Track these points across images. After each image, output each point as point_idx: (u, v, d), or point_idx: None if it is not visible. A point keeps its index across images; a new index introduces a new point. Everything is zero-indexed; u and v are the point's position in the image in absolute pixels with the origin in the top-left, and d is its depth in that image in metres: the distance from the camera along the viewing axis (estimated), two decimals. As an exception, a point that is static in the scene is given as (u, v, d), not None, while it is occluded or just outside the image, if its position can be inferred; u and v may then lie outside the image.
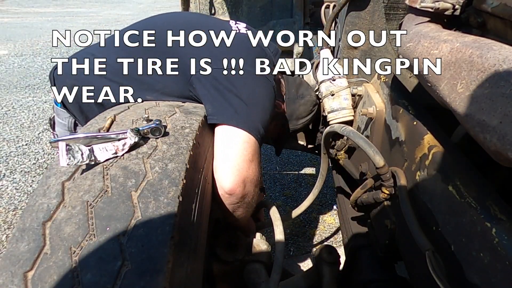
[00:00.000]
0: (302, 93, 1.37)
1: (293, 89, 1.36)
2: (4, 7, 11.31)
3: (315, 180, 1.47)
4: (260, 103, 1.03)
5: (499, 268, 0.56)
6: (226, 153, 0.94)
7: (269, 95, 1.08)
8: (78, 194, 0.66)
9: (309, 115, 1.41)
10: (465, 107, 0.59)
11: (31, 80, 4.73)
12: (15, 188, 2.66)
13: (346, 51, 1.35)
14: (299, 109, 1.37)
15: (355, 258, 1.24)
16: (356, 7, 1.26)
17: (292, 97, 1.36)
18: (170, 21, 1.15)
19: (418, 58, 0.77)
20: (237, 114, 0.97)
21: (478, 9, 0.77)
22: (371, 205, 1.08)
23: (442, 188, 0.73)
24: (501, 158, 0.53)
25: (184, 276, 0.67)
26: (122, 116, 0.88)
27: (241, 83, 1.01)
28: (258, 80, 1.05)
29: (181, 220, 0.67)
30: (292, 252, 2.24)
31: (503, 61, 0.54)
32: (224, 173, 0.93)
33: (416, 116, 0.91)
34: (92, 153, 0.71)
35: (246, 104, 0.99)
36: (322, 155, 1.36)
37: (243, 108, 0.98)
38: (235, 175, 0.93)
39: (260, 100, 1.04)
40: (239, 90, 0.99)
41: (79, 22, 8.90)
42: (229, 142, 0.95)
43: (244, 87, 1.00)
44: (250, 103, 1.00)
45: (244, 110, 0.98)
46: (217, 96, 0.99)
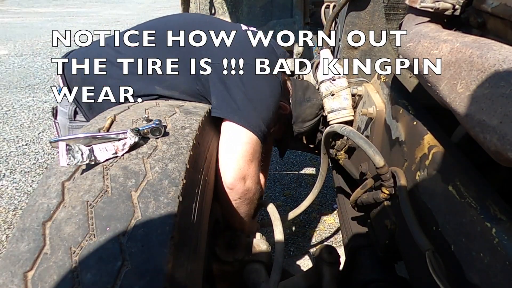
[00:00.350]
0: (309, 96, 1.37)
1: (300, 92, 1.37)
2: (4, 7, 11.31)
3: (315, 180, 1.47)
4: (264, 100, 1.05)
5: (499, 268, 0.56)
6: (228, 151, 0.99)
7: (274, 92, 1.10)
8: (78, 194, 0.66)
9: (315, 118, 1.41)
10: (465, 107, 0.59)
11: (31, 80, 4.73)
12: (15, 188, 2.66)
13: (346, 51, 1.35)
14: (305, 112, 1.38)
15: (355, 258, 1.24)
16: (356, 7, 1.26)
17: (299, 99, 1.36)
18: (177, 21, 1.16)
19: (418, 58, 0.77)
20: (239, 110, 0.99)
21: (478, 9, 0.77)
22: (371, 205, 1.08)
23: (442, 188, 0.73)
24: (501, 158, 0.53)
25: (184, 276, 0.67)
26: (122, 116, 0.88)
27: (246, 78, 1.03)
28: (264, 77, 1.06)
29: (181, 220, 0.67)
30: (292, 252, 2.24)
31: (503, 61, 0.54)
32: (226, 170, 0.98)
33: (416, 116, 0.91)
34: (92, 153, 0.71)
35: (249, 100, 1.01)
36: (322, 155, 1.36)
37: (246, 104, 1.00)
38: (235, 172, 0.98)
39: (264, 97, 1.05)
40: (244, 86, 1.01)
41: (79, 22, 8.90)
42: (231, 140, 0.99)
43: (249, 83, 1.03)
44: (254, 99, 1.02)
45: (247, 107, 1.01)
46: (222, 90, 1.01)
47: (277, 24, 2.05)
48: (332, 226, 2.46)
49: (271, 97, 1.08)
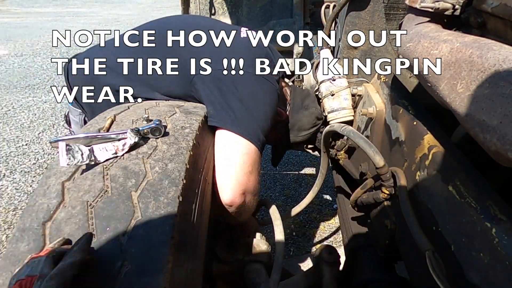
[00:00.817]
0: (308, 104, 1.32)
1: (298, 99, 1.32)
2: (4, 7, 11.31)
3: (315, 180, 1.47)
4: (261, 108, 1.02)
5: (499, 268, 0.56)
6: (226, 164, 0.95)
7: (271, 98, 1.07)
8: (78, 194, 0.66)
9: (312, 128, 1.35)
10: (465, 107, 0.59)
11: (31, 80, 4.73)
12: (15, 188, 2.66)
13: (346, 51, 1.35)
14: (302, 120, 1.32)
15: (355, 258, 1.24)
16: (356, 7, 1.26)
17: (296, 107, 1.31)
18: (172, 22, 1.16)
19: (418, 58, 0.77)
20: (237, 119, 0.96)
21: (478, 9, 0.77)
22: (371, 205, 1.08)
23: (442, 188, 0.73)
24: (501, 158, 0.53)
25: (184, 276, 0.67)
26: (122, 116, 0.88)
27: (242, 85, 1.00)
28: (260, 83, 1.04)
29: (181, 220, 0.67)
30: (292, 252, 2.24)
31: (503, 61, 0.54)
32: (225, 186, 0.94)
33: (416, 116, 0.91)
34: (92, 153, 0.71)
35: (246, 108, 0.98)
36: (322, 154, 1.35)
37: (244, 113, 0.98)
38: (235, 188, 0.94)
39: (261, 104, 1.03)
40: (240, 93, 0.99)
41: (79, 22, 8.90)
42: (229, 151, 0.96)
43: (245, 90, 1.00)
44: (251, 108, 0.99)
45: (245, 116, 0.97)
46: (218, 97, 0.98)
47: (277, 24, 2.05)
48: (332, 226, 2.46)
49: (268, 105, 1.05)
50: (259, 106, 1.02)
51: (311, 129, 1.35)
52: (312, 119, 1.32)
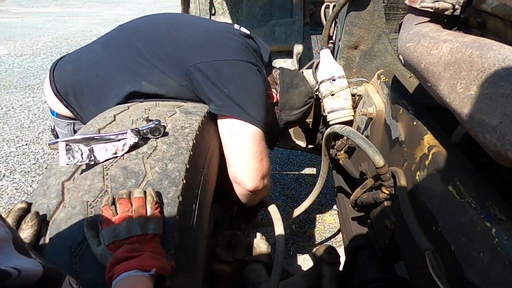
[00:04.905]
0: (297, 83, 1.31)
1: (287, 79, 1.31)
2: (4, 7, 11.31)
3: (315, 180, 1.47)
4: (261, 93, 1.07)
5: (499, 268, 0.56)
6: (242, 157, 1.02)
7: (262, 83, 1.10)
8: (78, 194, 0.66)
9: (304, 106, 1.33)
10: (465, 107, 0.59)
11: (31, 80, 4.73)
12: (15, 188, 2.66)
13: (346, 51, 1.35)
14: (293, 98, 1.31)
15: (355, 258, 1.24)
16: (356, 7, 1.26)
17: (285, 86, 1.30)
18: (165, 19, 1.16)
19: (418, 58, 0.77)
20: (243, 107, 1.00)
21: (478, 9, 0.77)
22: (371, 205, 1.08)
23: (442, 188, 0.73)
24: (501, 158, 0.53)
25: (184, 276, 0.67)
26: (122, 116, 0.88)
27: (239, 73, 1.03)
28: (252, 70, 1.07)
29: (181, 220, 0.67)
30: (292, 252, 2.23)
31: (503, 61, 0.54)
32: (245, 178, 1.03)
33: (416, 116, 0.91)
34: (92, 153, 0.71)
35: (248, 94, 1.03)
36: (323, 157, 1.35)
37: (246, 99, 1.02)
38: (255, 177, 1.03)
39: (258, 89, 1.07)
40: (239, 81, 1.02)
41: (79, 22, 8.89)
42: (239, 138, 1.01)
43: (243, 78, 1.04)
44: (252, 94, 1.04)
45: (248, 102, 1.02)
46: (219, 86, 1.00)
47: (277, 24, 2.05)
48: (332, 226, 2.46)
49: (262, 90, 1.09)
50: (259, 92, 1.07)
51: (303, 108, 1.33)
52: (302, 97, 1.31)
